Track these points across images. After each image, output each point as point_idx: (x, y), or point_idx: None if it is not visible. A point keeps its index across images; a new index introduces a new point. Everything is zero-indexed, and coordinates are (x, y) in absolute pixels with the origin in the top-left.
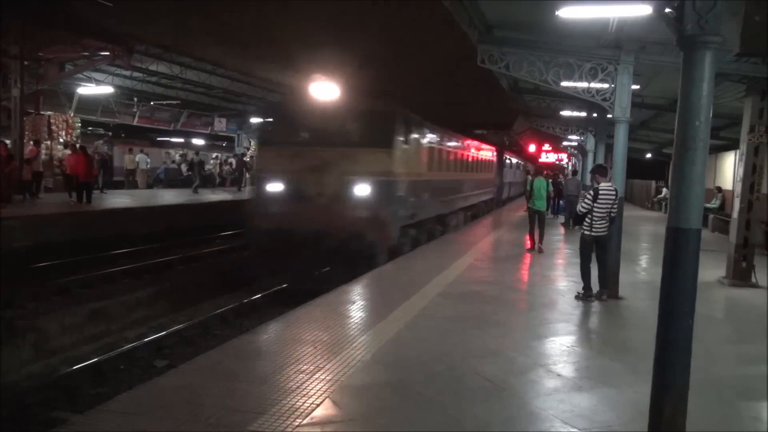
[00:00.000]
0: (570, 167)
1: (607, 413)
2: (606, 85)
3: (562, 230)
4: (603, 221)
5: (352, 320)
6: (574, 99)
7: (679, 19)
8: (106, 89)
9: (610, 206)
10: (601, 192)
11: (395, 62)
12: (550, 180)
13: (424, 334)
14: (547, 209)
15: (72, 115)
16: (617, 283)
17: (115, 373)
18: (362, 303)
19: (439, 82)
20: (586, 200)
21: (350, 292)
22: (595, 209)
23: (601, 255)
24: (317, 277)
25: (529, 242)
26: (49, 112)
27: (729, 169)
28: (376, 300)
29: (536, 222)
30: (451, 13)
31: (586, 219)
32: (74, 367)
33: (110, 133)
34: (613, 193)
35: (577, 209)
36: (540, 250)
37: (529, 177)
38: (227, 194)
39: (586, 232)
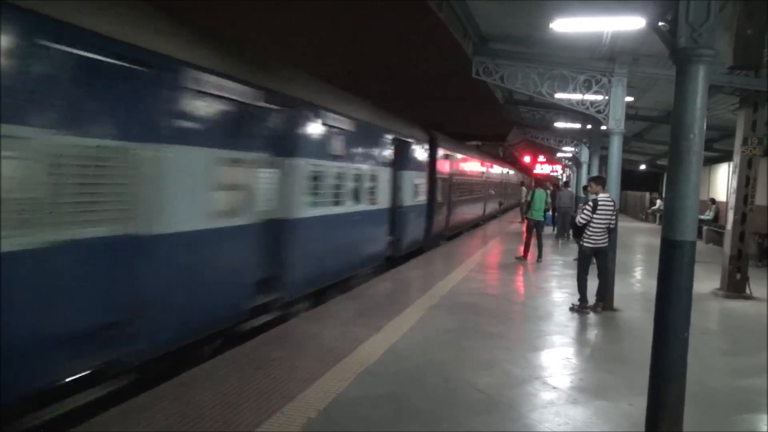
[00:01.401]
0: (564, 178)
1: (602, 426)
2: (600, 97)
3: (555, 242)
4: (602, 233)
5: (346, 332)
6: (568, 111)
7: (673, 33)
8: None
9: (609, 218)
10: (600, 203)
11: (390, 73)
12: (549, 192)
13: (418, 346)
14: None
15: None
16: (612, 294)
17: None
18: (356, 315)
19: (434, 93)
20: (585, 212)
21: (344, 304)
22: (594, 220)
23: (601, 267)
24: None
25: (522, 251)
26: None
27: (722, 181)
28: (371, 311)
29: (534, 232)
30: (446, 25)
31: (585, 231)
32: None
33: None
34: (612, 204)
35: (577, 221)
36: (539, 260)
37: (523, 188)
38: None
39: (585, 244)
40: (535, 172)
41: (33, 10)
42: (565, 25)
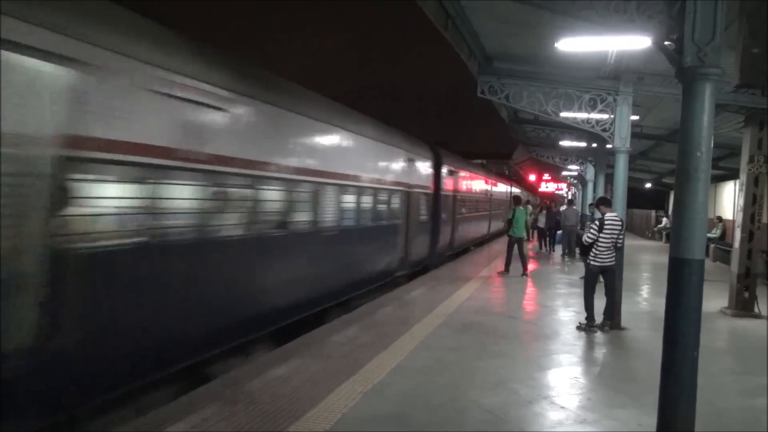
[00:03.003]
0: (569, 196)
1: None
2: (605, 116)
3: (561, 261)
4: (608, 251)
5: (352, 351)
6: (573, 129)
7: (679, 52)
8: None
9: (615, 236)
10: (606, 222)
11: (396, 91)
12: (544, 210)
13: (425, 365)
14: (531, 237)
15: None
16: (620, 313)
17: None
18: (362, 334)
19: (440, 111)
20: (591, 231)
21: (350, 323)
22: (601, 239)
23: (608, 285)
24: None
25: (502, 266)
26: None
27: (728, 199)
28: (377, 331)
29: (515, 249)
30: (452, 45)
31: (592, 249)
32: None
33: None
34: (619, 223)
35: (584, 240)
36: (522, 274)
37: (529, 206)
38: None
39: (592, 263)
40: (514, 190)
41: None
42: (570, 45)
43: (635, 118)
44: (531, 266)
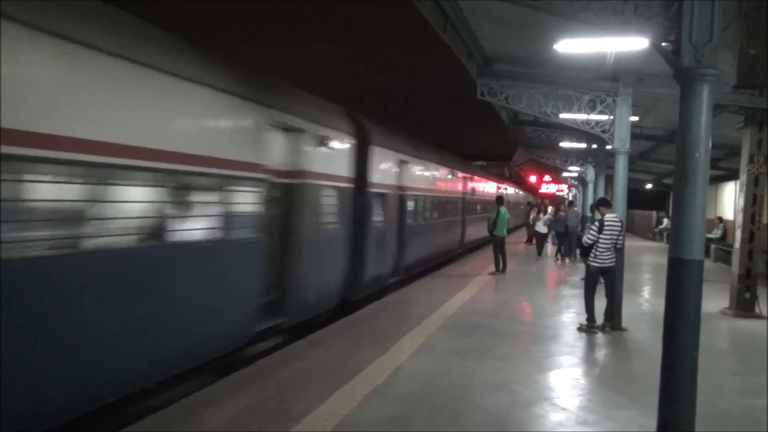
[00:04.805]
0: (570, 197)
1: None
2: (605, 117)
3: (561, 262)
4: (608, 252)
5: (353, 353)
6: (573, 130)
7: (676, 53)
8: None
9: (615, 237)
10: (606, 223)
11: (396, 94)
12: (541, 215)
13: (426, 367)
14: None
15: None
16: (620, 314)
17: None
18: (363, 336)
19: (439, 113)
20: (591, 232)
21: (351, 325)
22: (601, 240)
23: (608, 286)
24: None
25: (496, 267)
26: None
27: (729, 199)
28: (378, 333)
29: (503, 246)
30: (451, 48)
31: (593, 250)
32: None
33: None
34: (619, 224)
35: (583, 241)
36: (498, 272)
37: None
38: None
39: (593, 264)
40: (498, 192)
41: None
42: (569, 47)
43: (635, 119)
44: (529, 267)
